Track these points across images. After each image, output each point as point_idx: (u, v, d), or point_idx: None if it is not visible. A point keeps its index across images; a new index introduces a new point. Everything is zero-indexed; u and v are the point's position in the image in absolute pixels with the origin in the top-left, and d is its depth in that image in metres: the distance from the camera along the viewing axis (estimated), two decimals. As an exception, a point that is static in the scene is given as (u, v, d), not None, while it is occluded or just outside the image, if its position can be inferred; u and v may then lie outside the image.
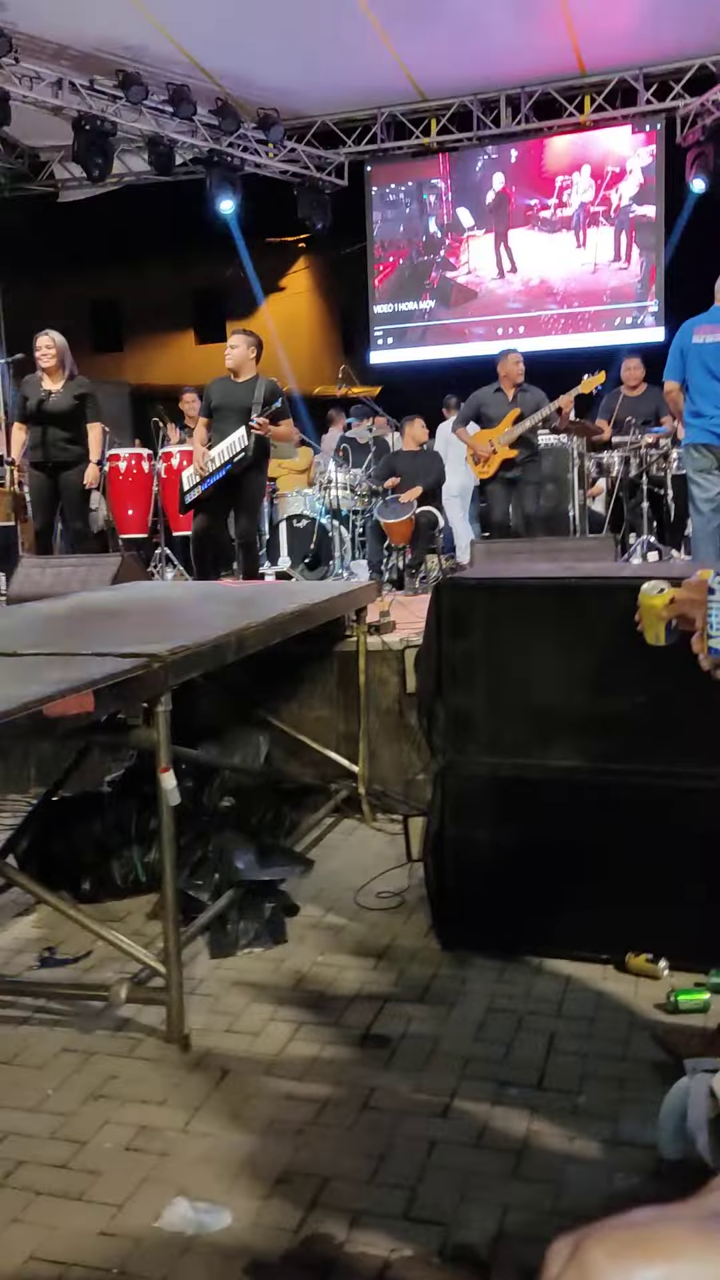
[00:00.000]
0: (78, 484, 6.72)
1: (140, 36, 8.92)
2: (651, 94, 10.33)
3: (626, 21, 9.27)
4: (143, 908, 3.59)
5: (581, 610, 3.09)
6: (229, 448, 6.18)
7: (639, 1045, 2.64)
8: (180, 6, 8.46)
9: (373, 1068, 2.59)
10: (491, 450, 7.32)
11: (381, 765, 4.59)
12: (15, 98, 9.03)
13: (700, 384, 5.84)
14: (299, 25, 8.82)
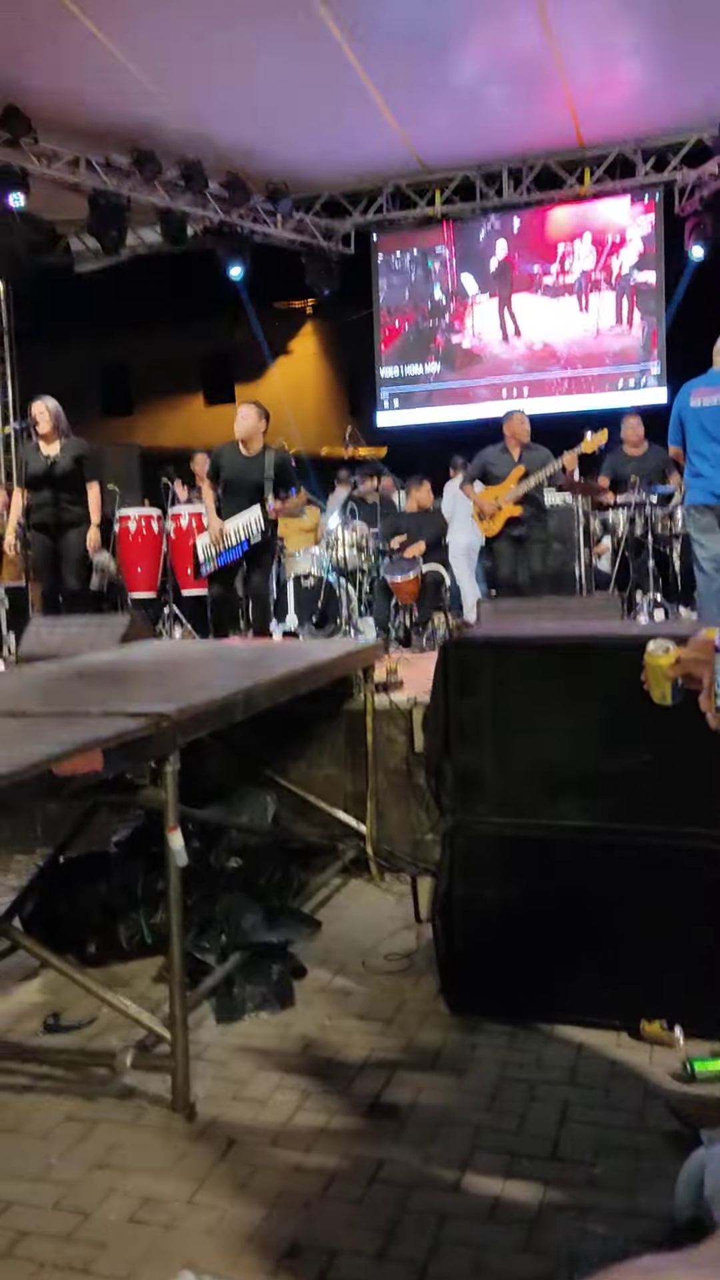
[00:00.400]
0: (78, 545, 6.78)
1: (154, 115, 9.17)
2: (650, 166, 10.57)
3: (624, 98, 9.53)
4: (148, 970, 3.55)
5: (588, 669, 3.08)
6: (245, 527, 6.46)
7: (654, 1115, 2.58)
8: (193, 86, 8.71)
9: (382, 1138, 2.54)
10: (497, 507, 7.38)
11: (389, 825, 4.56)
12: (34, 175, 9.28)
13: (699, 445, 5.93)
14: (307, 102, 9.07)
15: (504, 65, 8.72)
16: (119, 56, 8.09)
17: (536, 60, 8.56)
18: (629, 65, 8.93)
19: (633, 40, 8.48)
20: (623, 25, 8.24)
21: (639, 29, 8.30)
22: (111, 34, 7.81)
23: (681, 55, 8.65)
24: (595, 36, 8.35)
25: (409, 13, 7.80)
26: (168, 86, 8.70)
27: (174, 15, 7.57)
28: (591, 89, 9.24)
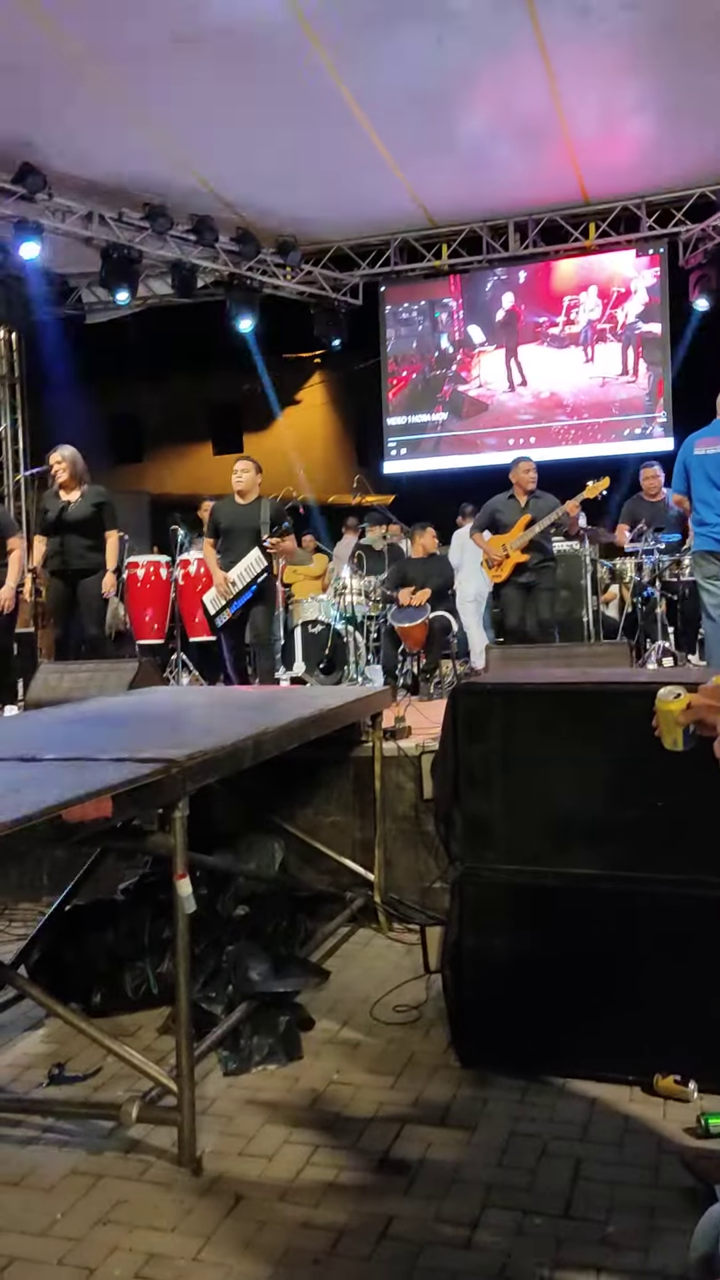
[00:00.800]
0: (96, 591, 6.85)
1: (166, 171, 9.36)
2: (654, 220, 10.73)
3: (628, 154, 9.70)
4: (154, 1021, 3.51)
5: (598, 716, 3.07)
6: (248, 570, 6.66)
7: (669, 1171, 2.53)
8: (203, 142, 8.89)
9: (391, 1194, 2.50)
10: (504, 555, 7.41)
11: (398, 873, 4.53)
12: (48, 229, 9.46)
13: (704, 494, 5.98)
14: (316, 158, 9.25)
15: (510, 122, 8.89)
16: (132, 115, 8.27)
17: (542, 117, 8.73)
18: (633, 122, 9.10)
19: (637, 97, 8.65)
20: (627, 83, 8.41)
21: (643, 87, 8.47)
22: (125, 93, 8.00)
23: (685, 112, 8.82)
24: (600, 94, 8.52)
25: (416, 72, 7.97)
26: (179, 144, 8.89)
27: (186, 75, 7.74)
28: (596, 145, 9.41)
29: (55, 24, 7.09)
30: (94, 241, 9.97)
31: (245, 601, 6.72)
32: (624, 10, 7.26)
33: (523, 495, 7.57)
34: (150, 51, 7.44)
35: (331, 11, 7.13)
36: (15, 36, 7.15)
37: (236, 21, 7.14)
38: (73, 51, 7.41)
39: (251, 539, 6.71)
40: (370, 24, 7.33)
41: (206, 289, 11.24)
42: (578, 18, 7.33)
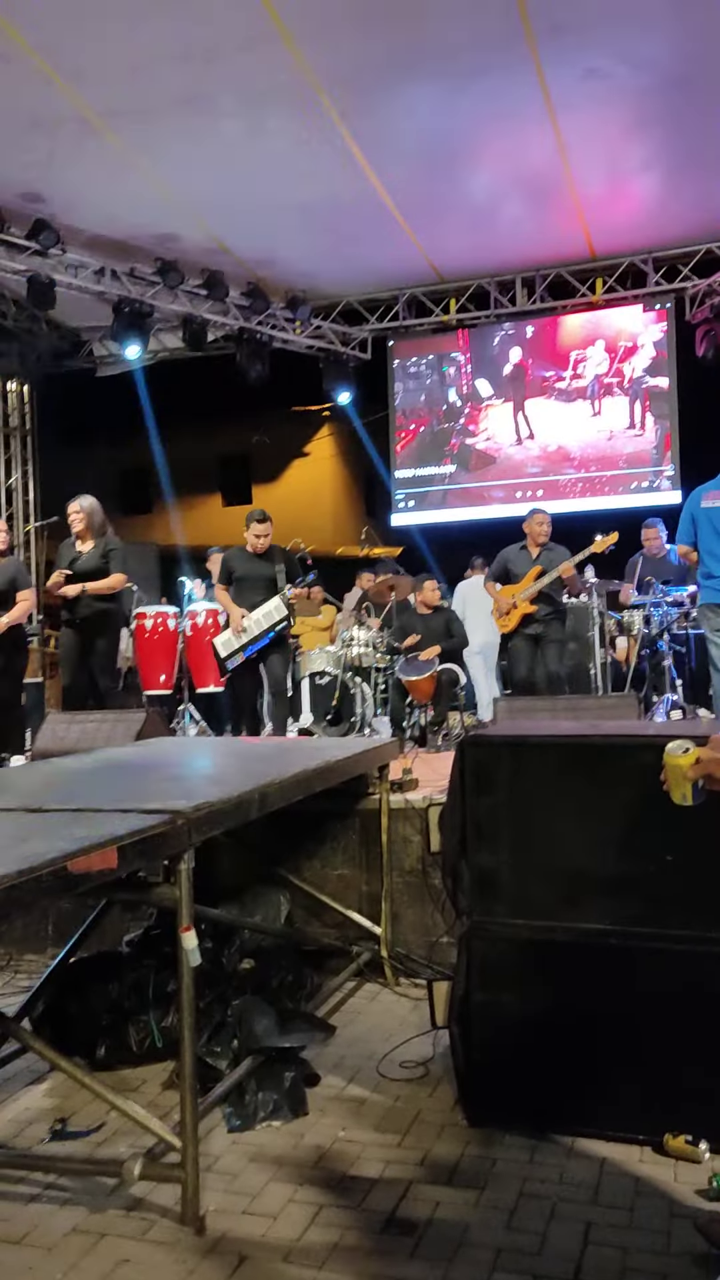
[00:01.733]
0: (108, 642, 6.89)
1: (177, 227, 9.55)
2: (660, 276, 10.88)
3: (634, 210, 9.86)
4: (159, 1075, 3.47)
5: (607, 769, 3.06)
6: (267, 616, 6.69)
7: (681, 1235, 2.48)
8: (215, 198, 9.07)
9: (397, 1257, 2.45)
10: (512, 605, 7.44)
11: (404, 927, 4.49)
12: (60, 284, 9.63)
13: (711, 546, 6.00)
14: (326, 215, 9.43)
15: (517, 179, 9.06)
16: (145, 173, 8.46)
17: (549, 174, 8.90)
18: (640, 179, 9.27)
19: (643, 155, 8.82)
20: (633, 141, 8.58)
21: (649, 144, 8.64)
22: (137, 150, 8.19)
23: (690, 169, 8.98)
24: (607, 152, 8.68)
25: (425, 129, 8.15)
26: (192, 201, 9.07)
27: (197, 132, 7.93)
28: (603, 202, 9.58)
29: (69, 82, 7.28)
30: (106, 296, 10.15)
31: (260, 648, 6.72)
32: (629, 70, 7.43)
33: (535, 547, 7.61)
34: (162, 109, 7.64)
35: (341, 69, 7.31)
36: (29, 94, 7.35)
37: (247, 79, 7.33)
38: (86, 108, 7.60)
39: (266, 588, 6.76)
40: (379, 82, 7.51)
41: (216, 343, 11.41)
42: (584, 77, 7.50)
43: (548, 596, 7.40)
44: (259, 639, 6.69)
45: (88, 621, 6.83)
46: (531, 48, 7.10)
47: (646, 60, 7.35)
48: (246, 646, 6.72)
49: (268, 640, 6.71)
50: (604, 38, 7.08)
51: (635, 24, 6.96)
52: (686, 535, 6.21)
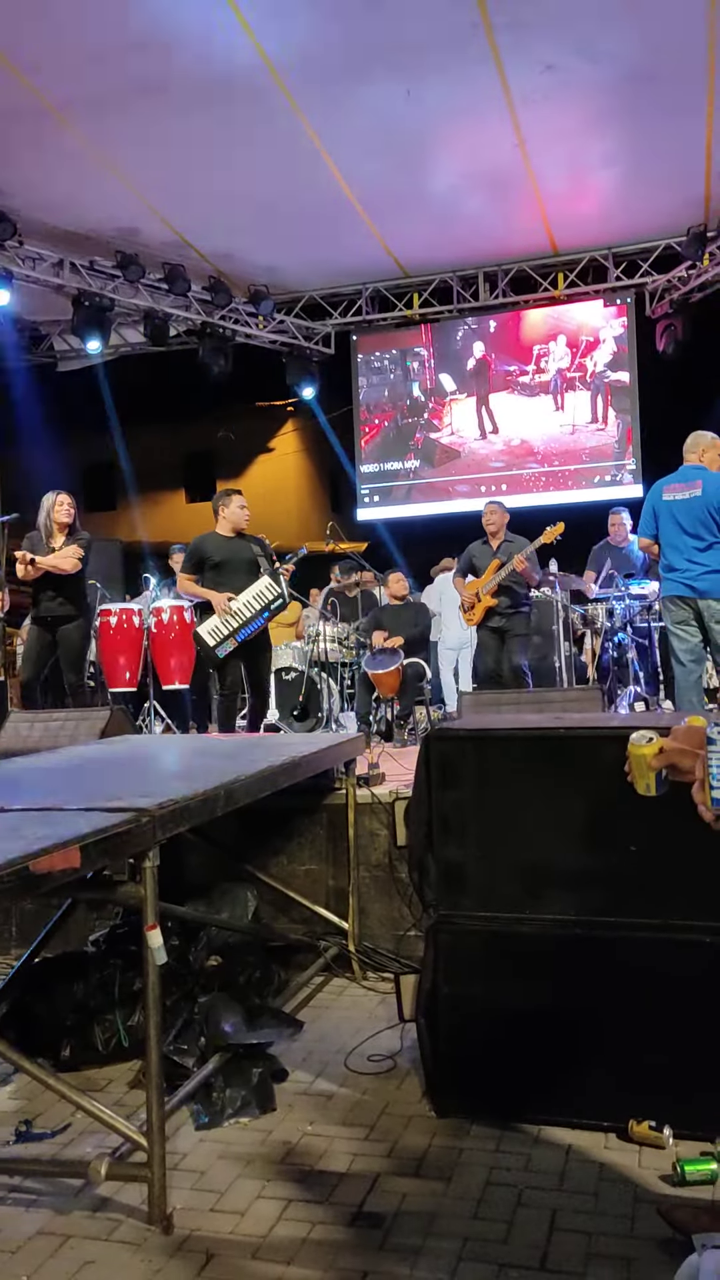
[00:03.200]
0: (76, 638, 6.85)
1: (138, 220, 9.49)
2: (621, 271, 10.96)
3: (595, 206, 9.92)
4: (125, 1075, 3.46)
5: (572, 761, 3.08)
6: (258, 597, 6.26)
7: (645, 1221, 2.51)
8: (176, 193, 9.03)
9: (366, 1249, 2.45)
10: (476, 598, 7.48)
11: (372, 921, 4.50)
12: (19, 277, 9.53)
13: (672, 539, 6.02)
14: (288, 209, 9.41)
15: (479, 174, 9.09)
16: (105, 165, 8.39)
17: (510, 169, 8.93)
18: (600, 175, 9.33)
19: (603, 151, 8.88)
20: (593, 137, 8.63)
21: (608, 141, 8.69)
22: (98, 144, 8.13)
23: (649, 165, 9.05)
24: (567, 148, 8.74)
25: (387, 124, 8.15)
26: (152, 194, 9.02)
27: (157, 124, 7.89)
28: (564, 197, 9.64)
29: (26, 73, 7.21)
30: (65, 289, 10.07)
31: (253, 630, 6.30)
32: (588, 66, 7.47)
33: (495, 540, 7.64)
34: (121, 100, 7.58)
35: (302, 63, 7.29)
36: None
37: (206, 71, 7.29)
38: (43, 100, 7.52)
39: (248, 572, 6.40)
40: (341, 76, 7.50)
41: (179, 337, 11.35)
42: (544, 72, 7.53)
43: (508, 589, 7.44)
44: (252, 620, 6.27)
45: (58, 618, 6.79)
46: (491, 42, 7.11)
47: (605, 56, 7.39)
48: (239, 630, 6.27)
49: (261, 621, 6.30)
50: (563, 33, 7.11)
51: (594, 19, 6.99)
52: (648, 528, 6.25)
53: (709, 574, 5.91)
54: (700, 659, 6.10)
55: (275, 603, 6.29)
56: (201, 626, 6.43)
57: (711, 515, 5.89)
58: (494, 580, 7.41)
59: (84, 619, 6.98)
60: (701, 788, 1.73)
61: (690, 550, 5.96)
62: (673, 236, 10.36)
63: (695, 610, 5.97)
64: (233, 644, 6.29)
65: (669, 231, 10.35)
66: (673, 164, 8.99)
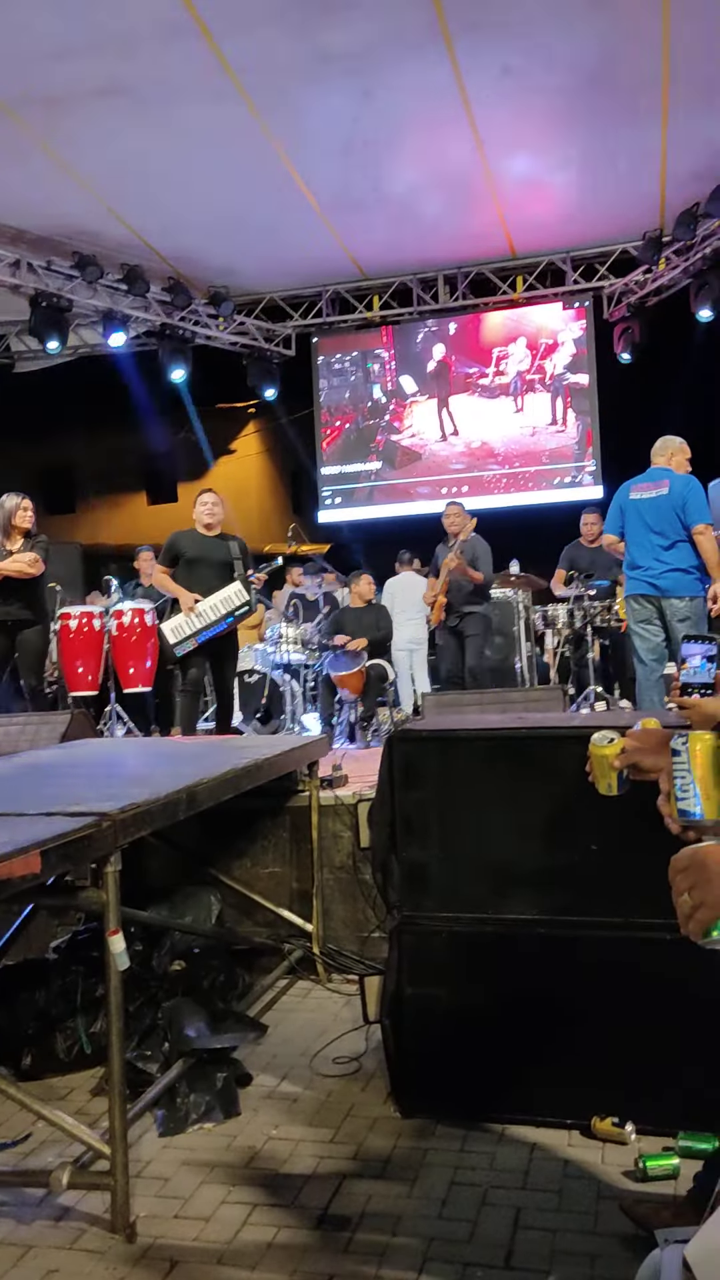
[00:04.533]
0: (35, 643, 6.79)
1: (96, 221, 9.43)
2: (579, 274, 11.05)
3: (552, 211, 10.00)
4: (88, 1082, 3.42)
5: (534, 761, 3.10)
6: (225, 601, 6.29)
7: (608, 1217, 2.52)
8: (133, 192, 8.98)
9: (331, 1252, 2.45)
10: (435, 597, 7.56)
11: (336, 923, 4.49)
12: (-26, 276, 9.45)
13: (638, 538, 6.10)
14: (247, 210, 9.39)
15: (437, 176, 9.13)
16: (60, 163, 8.32)
17: (468, 173, 8.98)
18: (557, 179, 9.40)
19: (560, 156, 8.94)
20: (550, 142, 8.69)
21: (565, 145, 8.76)
22: (52, 141, 8.05)
23: (606, 171, 9.13)
24: (524, 152, 8.80)
25: (345, 126, 8.16)
26: (109, 193, 8.96)
27: (114, 124, 7.83)
28: (522, 201, 9.70)
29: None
30: (22, 290, 9.97)
31: (215, 634, 6.33)
32: (545, 69, 7.52)
33: (454, 541, 7.70)
34: (77, 100, 7.52)
35: (260, 65, 7.28)
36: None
37: (163, 71, 7.25)
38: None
39: (222, 573, 6.39)
40: (298, 78, 7.49)
41: (139, 338, 11.29)
42: (500, 77, 7.57)
43: (457, 587, 7.49)
44: (215, 624, 6.28)
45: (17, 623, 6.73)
46: (448, 45, 7.14)
47: (561, 60, 7.44)
48: (200, 632, 6.29)
49: (225, 626, 6.33)
50: (519, 36, 7.15)
51: (550, 23, 7.04)
52: (614, 526, 6.30)
53: (671, 572, 5.98)
54: (662, 658, 6.16)
55: (241, 610, 6.32)
56: (165, 623, 6.45)
57: (677, 514, 5.96)
58: (442, 577, 7.51)
59: (43, 623, 6.94)
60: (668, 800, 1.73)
61: (655, 549, 6.02)
62: (629, 241, 10.46)
63: (658, 608, 6.03)
64: (193, 644, 6.31)
65: (626, 236, 10.45)
66: (628, 169, 9.08)
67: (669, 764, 1.70)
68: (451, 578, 7.47)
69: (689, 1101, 2.79)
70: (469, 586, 7.56)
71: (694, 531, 5.93)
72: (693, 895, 1.38)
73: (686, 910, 1.39)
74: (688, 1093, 2.79)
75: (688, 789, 1.64)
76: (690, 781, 1.64)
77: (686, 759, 1.64)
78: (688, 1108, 2.77)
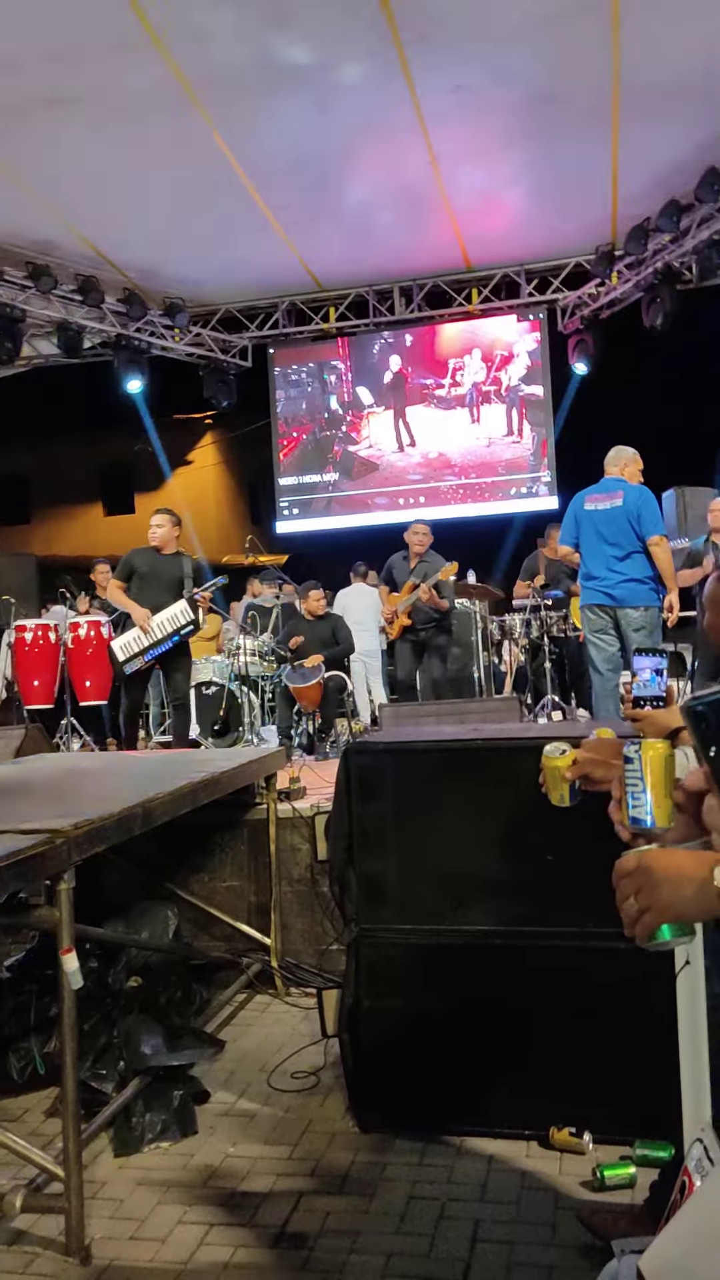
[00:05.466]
0: None
1: (50, 231, 9.36)
2: (533, 287, 11.14)
3: (506, 224, 10.08)
4: (42, 1103, 3.38)
5: (489, 772, 3.11)
6: (171, 620, 6.48)
7: (566, 1228, 2.53)
8: (88, 203, 8.92)
9: (289, 1270, 2.43)
10: (394, 614, 7.55)
11: (294, 936, 4.48)
12: None
13: (593, 547, 6.13)
14: (202, 221, 9.37)
15: (392, 189, 9.15)
16: (12, 173, 8.26)
17: (423, 185, 9.02)
18: (511, 193, 9.47)
19: (513, 170, 9.01)
20: (503, 156, 8.75)
21: (519, 159, 8.83)
22: (6, 154, 7.98)
23: (559, 184, 9.21)
24: (478, 165, 8.85)
25: (299, 138, 8.16)
26: (63, 203, 8.90)
27: (68, 135, 7.77)
28: (476, 214, 9.76)
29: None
30: (-26, 300, 9.88)
31: (162, 653, 6.50)
32: (497, 84, 7.58)
33: (414, 557, 7.72)
34: (29, 110, 7.46)
35: (214, 76, 7.26)
36: None
37: (117, 82, 7.21)
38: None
39: (172, 591, 6.55)
40: (253, 90, 7.48)
41: (94, 349, 11.22)
42: (453, 90, 7.62)
43: (420, 609, 7.52)
44: (162, 642, 6.47)
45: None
46: (401, 59, 7.18)
47: (513, 75, 7.50)
48: (148, 650, 6.48)
49: (171, 644, 6.50)
50: (471, 52, 7.20)
51: (502, 39, 7.09)
52: (569, 536, 6.34)
53: (627, 582, 6.02)
54: (617, 667, 6.20)
55: (186, 629, 6.52)
56: (115, 641, 6.64)
57: (631, 525, 6.01)
58: (407, 601, 7.51)
59: None
60: (619, 806, 1.74)
61: (609, 559, 6.06)
62: (582, 254, 10.56)
63: (613, 618, 6.07)
64: (141, 662, 6.52)
65: (579, 249, 10.55)
66: (581, 184, 9.17)
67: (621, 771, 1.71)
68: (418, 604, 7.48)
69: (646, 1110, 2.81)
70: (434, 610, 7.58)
71: (650, 543, 5.99)
72: (638, 900, 1.40)
73: (632, 915, 1.40)
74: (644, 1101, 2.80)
75: (639, 796, 1.65)
76: (642, 789, 1.64)
77: (639, 766, 1.65)
78: (644, 1116, 2.78)
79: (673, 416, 14.07)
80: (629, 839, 1.74)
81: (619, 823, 1.74)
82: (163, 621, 6.47)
